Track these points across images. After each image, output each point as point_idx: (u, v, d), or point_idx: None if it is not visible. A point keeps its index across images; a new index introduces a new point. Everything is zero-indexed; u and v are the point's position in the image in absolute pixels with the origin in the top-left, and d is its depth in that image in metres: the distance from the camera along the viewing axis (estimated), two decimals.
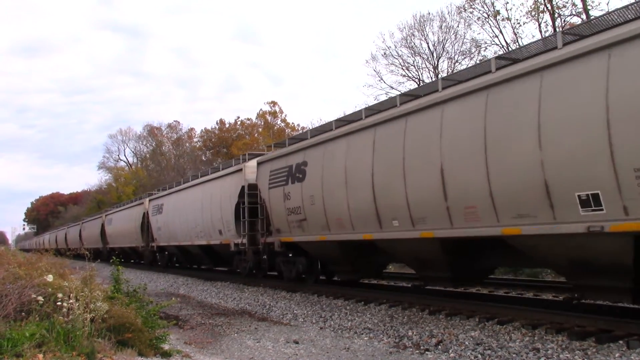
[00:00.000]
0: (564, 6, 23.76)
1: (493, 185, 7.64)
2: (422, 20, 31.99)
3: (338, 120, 12.07)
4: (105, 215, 36.12)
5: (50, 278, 6.49)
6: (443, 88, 8.97)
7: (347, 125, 11.30)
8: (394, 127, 9.65)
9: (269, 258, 15.14)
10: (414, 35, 32.23)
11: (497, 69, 7.99)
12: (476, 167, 7.84)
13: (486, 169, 7.69)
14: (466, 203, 8.14)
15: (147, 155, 67.87)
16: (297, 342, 8.62)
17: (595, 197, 6.42)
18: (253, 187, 15.00)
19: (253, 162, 15.31)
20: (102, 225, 35.79)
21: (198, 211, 19.17)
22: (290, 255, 14.23)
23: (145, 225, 26.49)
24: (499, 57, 8.34)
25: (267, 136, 47.26)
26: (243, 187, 15.44)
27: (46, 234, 72.19)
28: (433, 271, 9.83)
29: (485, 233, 7.98)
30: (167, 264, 25.19)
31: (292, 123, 50.84)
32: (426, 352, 7.50)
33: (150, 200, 26.32)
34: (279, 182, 13.33)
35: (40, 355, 5.08)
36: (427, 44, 32.08)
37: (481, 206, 7.89)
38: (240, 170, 15.85)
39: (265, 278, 16.38)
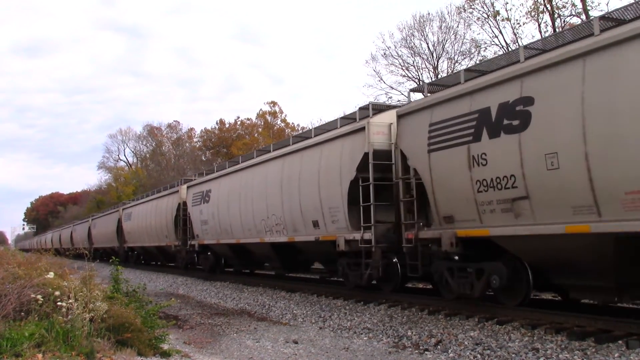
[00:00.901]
0: (564, 6, 23.80)
1: None
2: (421, 20, 32.07)
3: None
4: (123, 209, 31.38)
5: (51, 275, 6.49)
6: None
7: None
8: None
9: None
10: (413, 35, 32.31)
11: None
12: None
13: None
14: None
15: (147, 155, 67.93)
16: (296, 342, 8.62)
17: None
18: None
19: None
20: (119, 221, 31.20)
21: (276, 194, 13.79)
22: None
23: (180, 218, 21.32)
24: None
25: (267, 136, 47.29)
26: (366, 155, 10.56)
27: (48, 232, 71.78)
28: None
29: None
30: (214, 268, 19.59)
31: (292, 123, 50.96)
32: (425, 352, 7.50)
33: (189, 187, 20.72)
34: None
35: (40, 355, 5.09)
36: (427, 44, 32.16)
37: None
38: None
39: (404, 294, 11.38)
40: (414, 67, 32.77)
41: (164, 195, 24.26)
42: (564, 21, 23.92)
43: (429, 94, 9.60)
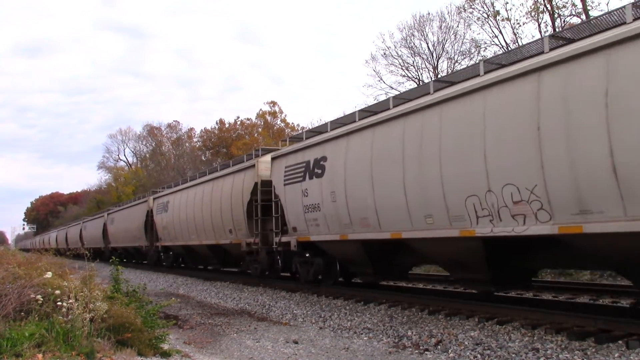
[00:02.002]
0: (564, 6, 23.79)
1: None
2: (421, 20, 32.04)
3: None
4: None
5: (49, 275, 6.49)
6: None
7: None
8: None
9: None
10: (413, 35, 32.28)
11: None
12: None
13: None
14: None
15: (147, 155, 67.92)
16: (296, 342, 8.62)
17: None
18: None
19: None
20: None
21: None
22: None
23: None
24: None
25: (267, 136, 47.29)
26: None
27: (45, 233, 71.96)
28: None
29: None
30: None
31: (292, 123, 50.89)
32: (425, 352, 7.50)
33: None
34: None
35: (40, 355, 5.08)
36: (427, 44, 32.12)
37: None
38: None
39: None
40: (414, 67, 32.76)
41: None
42: (564, 21, 23.92)
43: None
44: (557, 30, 22.95)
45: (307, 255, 13.34)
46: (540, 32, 24.67)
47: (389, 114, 9.95)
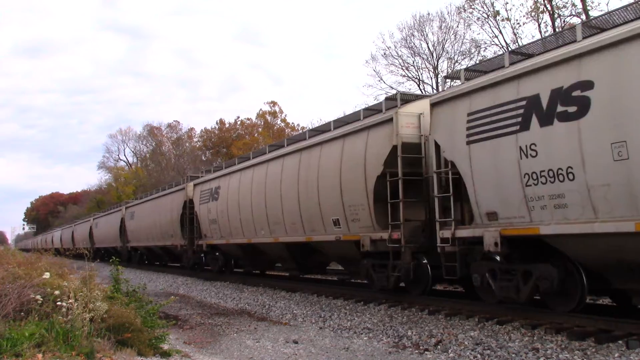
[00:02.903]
0: (564, 6, 23.80)
1: None
2: (421, 20, 32.08)
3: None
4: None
5: (47, 275, 6.49)
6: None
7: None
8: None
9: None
10: (413, 35, 32.31)
11: None
12: None
13: None
14: None
15: (147, 155, 67.89)
16: (296, 342, 8.62)
17: None
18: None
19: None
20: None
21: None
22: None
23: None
24: None
25: (267, 136, 47.26)
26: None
27: (49, 232, 71.67)
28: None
29: None
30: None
31: (292, 123, 50.90)
32: (425, 352, 7.50)
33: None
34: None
35: (40, 355, 5.08)
36: (427, 44, 32.14)
37: None
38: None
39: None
40: (414, 67, 32.80)
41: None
42: (564, 21, 23.92)
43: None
44: (556, 30, 22.94)
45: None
46: (540, 32, 24.69)
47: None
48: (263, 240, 14.80)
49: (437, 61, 32.10)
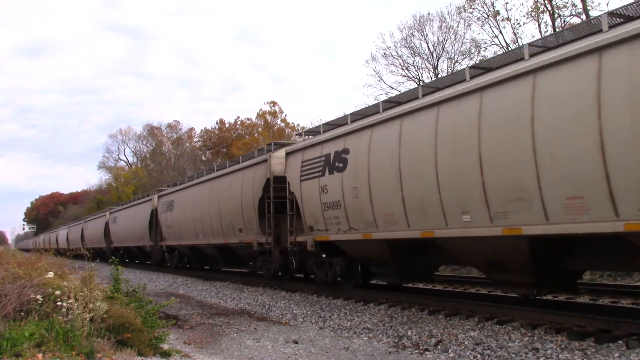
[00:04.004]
0: (564, 6, 23.79)
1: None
2: (421, 20, 32.04)
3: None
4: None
5: (51, 274, 6.49)
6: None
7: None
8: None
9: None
10: (413, 35, 32.28)
11: None
12: None
13: None
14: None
15: (147, 155, 67.89)
16: (296, 342, 8.62)
17: None
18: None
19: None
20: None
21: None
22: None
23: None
24: None
25: (267, 136, 47.28)
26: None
27: (48, 232, 71.77)
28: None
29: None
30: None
31: (292, 123, 50.92)
32: (425, 352, 7.50)
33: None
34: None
35: (40, 355, 5.08)
36: (427, 44, 32.11)
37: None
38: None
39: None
40: (414, 67, 32.76)
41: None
42: (564, 21, 23.92)
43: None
44: (556, 30, 22.95)
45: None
46: (540, 32, 24.68)
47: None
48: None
49: (437, 61, 32.10)
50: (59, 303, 6.12)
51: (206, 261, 21.35)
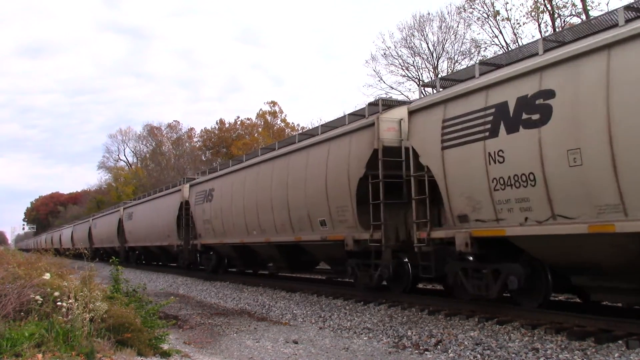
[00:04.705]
0: (564, 6, 23.81)
1: None
2: (421, 20, 32.07)
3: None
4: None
5: (47, 276, 6.48)
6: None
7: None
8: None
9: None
10: (413, 35, 32.31)
11: None
12: None
13: None
14: None
15: (147, 155, 67.89)
16: (296, 342, 8.62)
17: None
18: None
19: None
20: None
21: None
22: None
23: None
24: None
25: (267, 136, 47.29)
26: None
27: (49, 232, 71.59)
28: None
29: None
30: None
31: (292, 123, 50.96)
32: (425, 352, 7.50)
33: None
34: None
35: (40, 355, 5.08)
36: (427, 44, 32.13)
37: None
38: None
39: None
40: (414, 67, 32.79)
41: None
42: (564, 21, 23.92)
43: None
44: (556, 30, 22.95)
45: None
46: (540, 32, 24.68)
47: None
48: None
49: (437, 61, 32.14)
50: (58, 303, 6.12)
51: (256, 263, 17.76)
